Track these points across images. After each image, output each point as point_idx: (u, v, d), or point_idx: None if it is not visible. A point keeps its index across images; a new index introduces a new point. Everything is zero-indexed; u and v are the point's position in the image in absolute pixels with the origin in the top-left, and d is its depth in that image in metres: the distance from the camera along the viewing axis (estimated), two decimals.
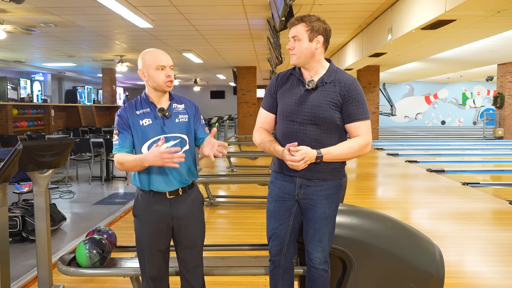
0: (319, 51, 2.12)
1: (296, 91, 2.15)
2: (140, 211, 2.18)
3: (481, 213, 5.23)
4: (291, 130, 2.14)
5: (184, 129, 2.17)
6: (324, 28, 2.11)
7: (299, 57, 2.11)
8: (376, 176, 8.31)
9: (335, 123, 2.10)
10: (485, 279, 3.29)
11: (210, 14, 7.43)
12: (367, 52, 9.09)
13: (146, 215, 2.16)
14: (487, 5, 5.27)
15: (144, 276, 2.22)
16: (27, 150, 2.34)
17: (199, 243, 2.25)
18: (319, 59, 2.13)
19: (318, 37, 2.09)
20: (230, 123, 21.27)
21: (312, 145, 2.09)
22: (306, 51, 2.10)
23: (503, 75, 15.40)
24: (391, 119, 25.50)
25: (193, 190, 2.23)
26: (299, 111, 2.11)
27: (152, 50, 2.15)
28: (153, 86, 2.13)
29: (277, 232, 2.20)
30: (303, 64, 2.14)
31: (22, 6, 6.50)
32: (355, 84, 2.12)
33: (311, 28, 2.08)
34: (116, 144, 2.11)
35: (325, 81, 2.11)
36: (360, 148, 2.11)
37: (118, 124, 2.12)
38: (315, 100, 2.09)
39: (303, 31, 2.08)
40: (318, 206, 2.14)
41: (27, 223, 4.16)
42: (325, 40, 2.13)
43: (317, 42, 2.09)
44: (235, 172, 8.11)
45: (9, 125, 9.97)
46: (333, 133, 2.12)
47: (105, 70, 15.88)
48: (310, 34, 2.08)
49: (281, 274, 2.23)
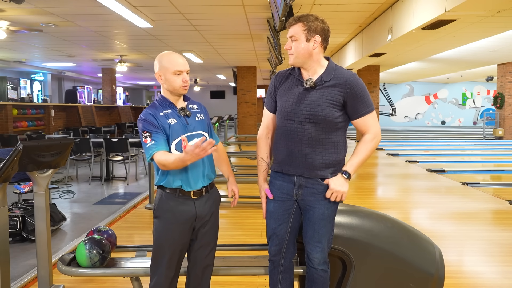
0: (317, 51, 2.11)
1: (295, 90, 2.15)
2: (164, 212, 2.16)
3: (481, 213, 5.23)
4: (289, 129, 2.14)
5: (205, 126, 2.24)
6: (322, 27, 2.09)
7: (297, 57, 2.11)
8: (376, 176, 8.31)
9: (334, 122, 2.09)
10: (485, 279, 3.29)
11: (210, 14, 7.43)
12: (367, 52, 9.09)
13: (171, 215, 2.15)
14: (487, 5, 5.27)
15: (155, 276, 2.19)
16: (27, 150, 2.33)
17: (213, 243, 2.27)
18: (317, 58, 2.12)
19: (316, 37, 2.08)
20: (230, 123, 21.28)
21: (310, 144, 2.10)
22: (303, 51, 2.09)
23: (503, 75, 15.40)
24: (391, 119, 25.51)
25: (213, 189, 2.28)
26: (297, 110, 2.11)
27: (169, 53, 2.16)
28: (170, 90, 2.16)
29: (277, 232, 2.20)
30: (301, 64, 2.14)
31: (22, 6, 6.50)
32: (356, 79, 2.10)
33: (308, 27, 2.07)
34: (152, 145, 2.07)
35: (324, 80, 2.10)
36: (375, 144, 2.16)
37: (147, 126, 2.10)
38: (314, 98, 2.09)
39: (300, 31, 2.08)
40: (317, 206, 2.13)
41: (27, 223, 4.16)
42: (323, 40, 2.11)
43: (314, 42, 2.08)
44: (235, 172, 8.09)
45: (9, 125, 9.96)
46: (332, 131, 2.11)
47: (105, 70, 15.88)
48: (307, 34, 2.07)
49: (281, 274, 2.23)
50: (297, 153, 2.12)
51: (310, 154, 2.11)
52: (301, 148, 2.11)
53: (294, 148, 2.13)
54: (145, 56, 12.80)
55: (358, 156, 2.14)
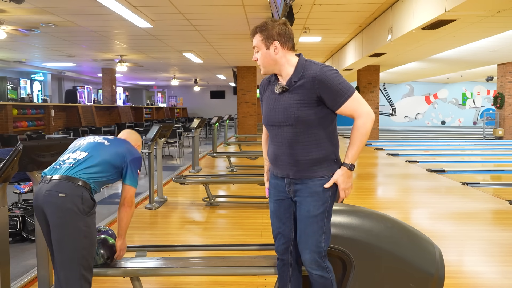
0: (280, 55, 2.10)
1: (271, 97, 2.18)
2: (94, 208, 2.35)
3: (481, 213, 5.23)
4: (273, 134, 2.18)
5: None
6: (278, 32, 2.08)
7: (264, 66, 2.15)
8: (376, 176, 8.31)
9: (310, 120, 2.07)
10: (485, 279, 3.29)
11: (210, 14, 7.43)
12: (367, 52, 9.09)
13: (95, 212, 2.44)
14: (487, 5, 5.27)
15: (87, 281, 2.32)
16: (27, 150, 2.34)
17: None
18: (283, 62, 2.11)
19: (274, 43, 2.09)
20: (230, 123, 21.28)
21: (290, 146, 2.11)
22: (266, 59, 2.11)
23: (503, 75, 15.40)
24: (391, 119, 25.51)
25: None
26: (274, 116, 2.13)
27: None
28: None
29: (281, 231, 2.23)
30: (271, 71, 2.16)
31: (22, 6, 6.50)
32: (323, 72, 2.03)
33: (265, 36, 2.09)
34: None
35: (293, 81, 2.09)
36: (367, 126, 2.05)
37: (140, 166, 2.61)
38: (286, 101, 2.09)
39: (259, 41, 2.11)
40: (303, 204, 2.13)
41: (27, 223, 4.16)
42: (284, 43, 2.10)
43: (274, 48, 2.09)
44: (235, 172, 8.11)
45: (9, 125, 9.96)
46: (311, 129, 2.08)
47: (105, 70, 15.88)
48: (265, 42, 2.09)
49: (290, 271, 2.25)
50: (281, 156, 2.16)
51: (292, 155, 2.12)
52: (284, 151, 2.14)
53: (278, 151, 2.17)
54: (145, 56, 12.80)
55: (353, 146, 2.07)
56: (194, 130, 8.27)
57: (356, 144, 2.06)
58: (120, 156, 2.42)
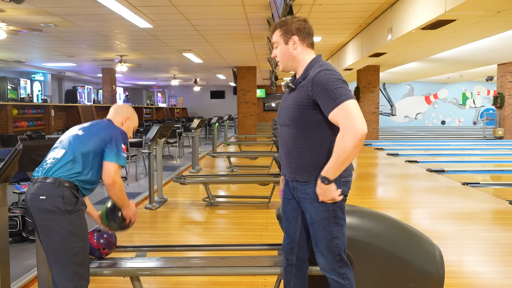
0: (298, 51, 2.09)
1: (284, 95, 2.22)
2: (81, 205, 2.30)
3: (481, 213, 5.23)
4: (279, 132, 2.20)
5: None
6: (297, 27, 2.08)
7: (282, 62, 2.14)
8: (376, 176, 8.31)
9: (305, 123, 2.02)
10: (485, 279, 3.29)
11: (210, 14, 7.43)
12: (367, 52, 9.09)
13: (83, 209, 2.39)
14: (487, 5, 5.27)
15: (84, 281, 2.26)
16: (27, 150, 2.34)
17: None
18: (300, 59, 2.10)
19: (293, 37, 2.08)
20: (230, 123, 21.28)
21: (287, 146, 2.11)
22: (284, 54, 2.11)
23: (503, 75, 15.40)
24: (391, 119, 25.51)
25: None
26: (280, 114, 2.16)
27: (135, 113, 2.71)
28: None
29: (287, 230, 2.24)
30: (289, 68, 2.15)
31: (22, 6, 6.50)
32: (318, 76, 1.96)
33: (284, 31, 2.08)
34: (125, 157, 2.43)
35: (299, 81, 2.09)
36: (347, 141, 1.87)
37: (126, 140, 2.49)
38: (289, 101, 2.10)
39: (278, 36, 2.11)
40: (306, 211, 2.11)
41: (27, 223, 4.16)
42: (302, 38, 2.08)
43: (293, 43, 2.08)
44: (235, 172, 8.10)
45: (9, 125, 9.97)
46: (306, 132, 2.03)
47: (105, 70, 15.88)
48: (284, 37, 2.09)
49: (294, 272, 2.25)
50: (281, 156, 2.19)
51: (287, 156, 2.13)
52: (282, 150, 2.17)
53: (280, 151, 2.20)
54: (145, 56, 12.80)
55: (331, 159, 1.95)
56: (194, 130, 8.27)
57: (334, 158, 1.93)
58: (97, 142, 2.26)
